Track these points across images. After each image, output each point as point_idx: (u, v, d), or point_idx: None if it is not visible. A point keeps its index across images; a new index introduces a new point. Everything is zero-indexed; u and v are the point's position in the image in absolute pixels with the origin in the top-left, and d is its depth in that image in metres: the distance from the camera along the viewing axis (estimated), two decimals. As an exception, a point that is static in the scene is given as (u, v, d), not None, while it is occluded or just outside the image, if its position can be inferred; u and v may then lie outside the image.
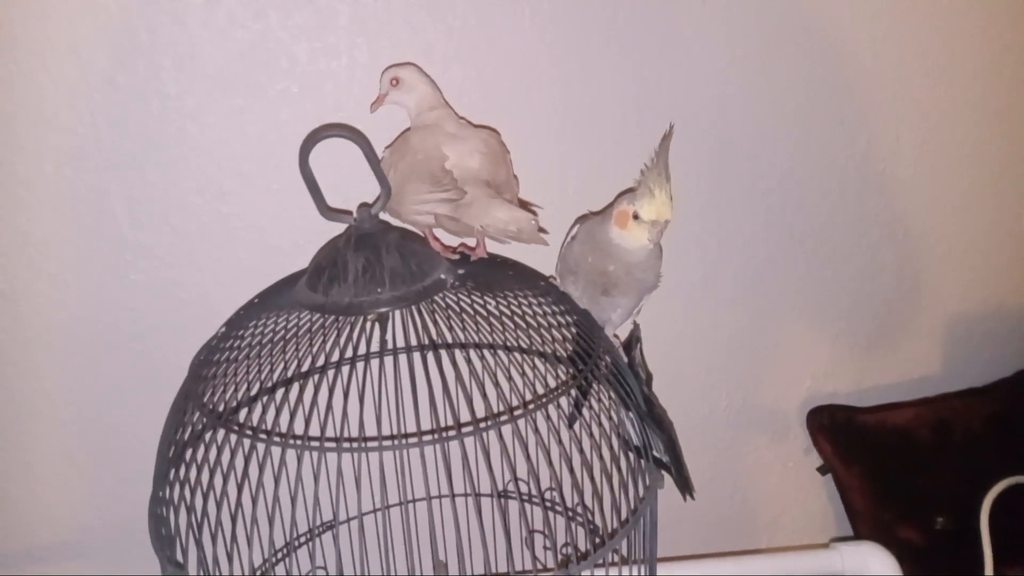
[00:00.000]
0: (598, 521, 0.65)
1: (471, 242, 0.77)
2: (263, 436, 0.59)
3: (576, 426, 0.70)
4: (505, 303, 0.69)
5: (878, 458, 1.11)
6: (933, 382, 1.19)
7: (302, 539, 0.81)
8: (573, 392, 0.71)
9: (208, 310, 0.82)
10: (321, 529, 0.84)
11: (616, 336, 0.78)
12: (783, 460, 1.18)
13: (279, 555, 0.78)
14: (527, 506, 0.76)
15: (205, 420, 0.63)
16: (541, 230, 0.70)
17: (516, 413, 0.61)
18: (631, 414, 0.68)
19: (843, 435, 1.11)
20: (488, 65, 0.89)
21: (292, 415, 0.59)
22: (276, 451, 0.58)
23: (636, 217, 0.67)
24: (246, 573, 0.66)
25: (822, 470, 1.15)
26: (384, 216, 0.70)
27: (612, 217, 0.70)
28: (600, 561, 0.63)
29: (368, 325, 0.64)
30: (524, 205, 0.73)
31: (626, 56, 0.93)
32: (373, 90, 0.84)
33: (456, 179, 0.71)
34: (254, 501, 0.58)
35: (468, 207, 0.70)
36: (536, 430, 0.62)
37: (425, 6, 0.86)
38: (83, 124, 0.82)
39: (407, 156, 0.74)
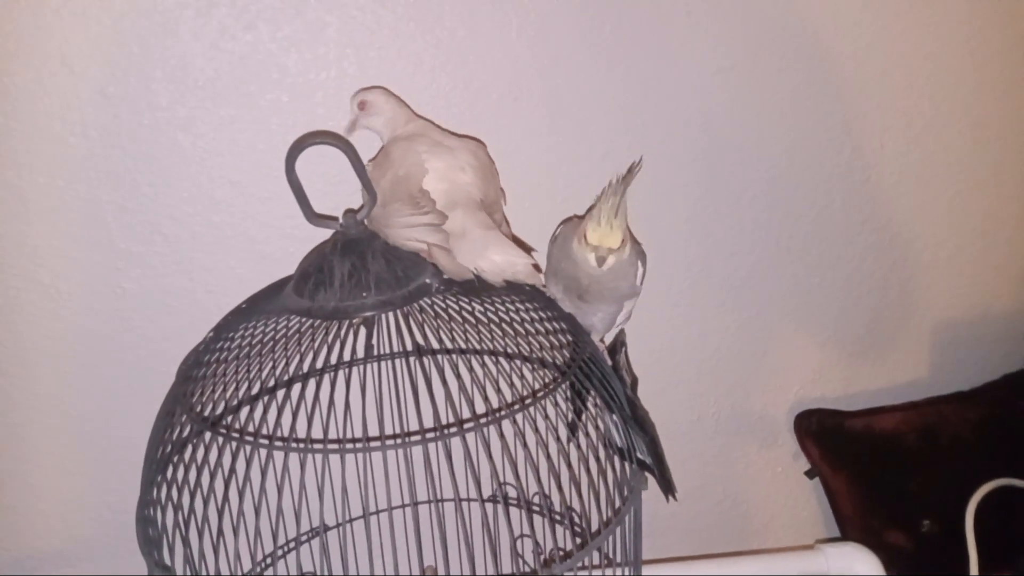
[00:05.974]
0: (582, 523, 0.66)
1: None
2: (249, 439, 0.60)
3: (561, 428, 0.70)
4: (492, 307, 0.70)
5: (865, 462, 1.11)
6: (920, 387, 1.19)
7: (290, 545, 0.81)
8: (571, 399, 0.72)
9: (199, 318, 0.83)
10: (309, 535, 0.84)
11: (602, 341, 0.78)
12: (772, 465, 1.18)
13: (266, 561, 0.79)
14: (512, 509, 0.76)
15: (193, 424, 0.64)
16: (536, 268, 0.68)
17: (500, 415, 0.62)
18: (615, 417, 0.69)
19: (831, 439, 1.12)
20: (476, 76, 0.90)
21: (279, 418, 0.60)
22: (262, 452, 0.59)
23: (585, 238, 0.68)
24: (232, 570, 0.66)
25: (810, 474, 1.15)
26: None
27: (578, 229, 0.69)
28: (584, 562, 0.64)
29: (354, 329, 0.65)
30: (519, 243, 0.70)
31: (613, 67, 0.94)
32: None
33: (437, 199, 0.68)
34: (241, 497, 0.58)
35: (461, 239, 0.67)
36: (524, 439, 0.63)
37: (413, 18, 0.87)
38: (75, 135, 0.83)
39: (388, 172, 0.72)
